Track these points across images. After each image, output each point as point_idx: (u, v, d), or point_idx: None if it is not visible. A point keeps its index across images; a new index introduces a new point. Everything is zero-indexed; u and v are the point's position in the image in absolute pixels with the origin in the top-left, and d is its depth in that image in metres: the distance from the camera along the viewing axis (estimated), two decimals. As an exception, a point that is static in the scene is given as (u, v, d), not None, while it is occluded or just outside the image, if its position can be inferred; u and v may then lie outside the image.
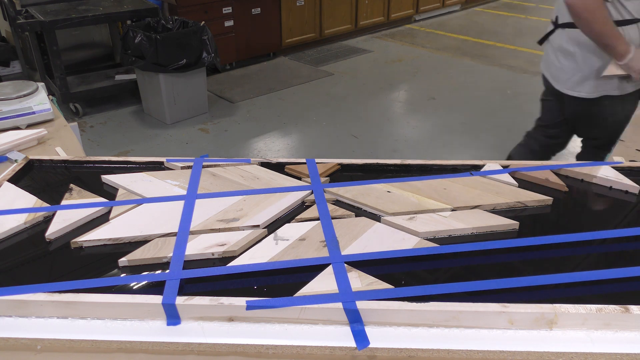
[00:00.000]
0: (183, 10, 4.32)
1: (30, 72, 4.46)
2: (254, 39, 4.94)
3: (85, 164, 1.26)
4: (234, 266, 0.88)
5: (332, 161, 1.23)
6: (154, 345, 0.77)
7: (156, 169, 1.22)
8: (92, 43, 4.48)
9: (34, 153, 1.43)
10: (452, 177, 1.16)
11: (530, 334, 0.78)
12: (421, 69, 4.91)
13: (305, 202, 1.09)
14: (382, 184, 1.13)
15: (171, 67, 3.58)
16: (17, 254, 0.94)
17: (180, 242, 0.93)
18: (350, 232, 0.96)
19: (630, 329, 0.78)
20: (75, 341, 0.77)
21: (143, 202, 1.06)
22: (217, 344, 0.76)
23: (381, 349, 0.75)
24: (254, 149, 3.58)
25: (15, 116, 1.57)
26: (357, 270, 0.86)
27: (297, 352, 0.76)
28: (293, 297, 0.80)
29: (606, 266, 0.92)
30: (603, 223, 1.06)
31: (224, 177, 1.16)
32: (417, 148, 3.54)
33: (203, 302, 0.78)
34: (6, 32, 4.54)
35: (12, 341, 0.77)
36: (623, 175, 1.18)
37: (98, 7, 3.88)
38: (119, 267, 0.90)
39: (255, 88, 4.53)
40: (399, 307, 0.77)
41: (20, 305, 0.80)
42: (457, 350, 0.75)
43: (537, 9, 7.50)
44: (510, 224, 1.00)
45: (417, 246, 0.93)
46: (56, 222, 1.00)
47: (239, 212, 1.03)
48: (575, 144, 3.69)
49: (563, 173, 1.21)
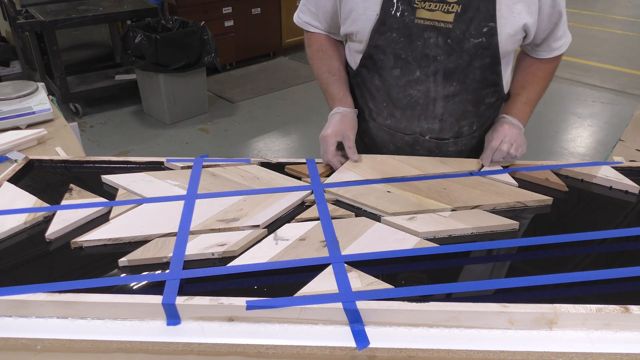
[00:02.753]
0: (183, 10, 4.32)
1: (30, 72, 4.46)
2: (254, 39, 4.94)
3: (85, 164, 1.26)
4: (234, 266, 0.88)
5: (332, 161, 1.23)
6: (154, 345, 0.77)
7: (156, 169, 1.22)
8: (92, 43, 4.48)
9: (34, 153, 1.43)
10: (452, 177, 1.16)
11: (530, 334, 0.78)
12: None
13: (305, 202, 1.09)
14: (382, 184, 1.13)
15: (171, 67, 3.58)
16: (17, 254, 0.94)
17: (180, 242, 0.93)
18: (350, 232, 0.96)
19: (630, 329, 0.78)
20: (75, 341, 0.77)
21: (143, 202, 1.06)
22: (217, 344, 0.76)
23: (381, 349, 0.75)
24: (254, 149, 3.58)
25: (15, 116, 1.57)
26: (357, 270, 0.86)
27: (297, 352, 0.76)
28: (293, 297, 0.80)
29: (606, 266, 0.92)
30: (603, 223, 1.06)
31: (224, 177, 1.16)
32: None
33: (203, 302, 0.78)
34: (6, 32, 4.54)
35: (12, 341, 0.77)
36: (623, 175, 1.18)
37: (98, 7, 3.88)
38: (119, 267, 0.90)
39: (255, 88, 4.53)
40: (399, 307, 0.77)
41: (20, 305, 0.80)
42: (457, 350, 0.75)
43: (537, 9, 7.48)
44: (510, 224, 1.00)
45: (417, 246, 0.93)
46: (56, 222, 1.00)
47: (239, 212, 1.03)
48: (575, 144, 3.70)
49: (563, 173, 1.21)
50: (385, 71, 1.21)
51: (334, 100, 1.29)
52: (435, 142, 1.28)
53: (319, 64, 1.34)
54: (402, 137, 1.28)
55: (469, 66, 1.16)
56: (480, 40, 1.12)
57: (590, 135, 3.84)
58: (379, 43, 1.17)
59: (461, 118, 1.25)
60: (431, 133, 1.26)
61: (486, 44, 1.13)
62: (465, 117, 1.25)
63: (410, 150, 1.30)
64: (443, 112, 1.23)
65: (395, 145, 1.30)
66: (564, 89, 4.63)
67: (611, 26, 6.72)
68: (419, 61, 1.17)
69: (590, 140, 3.77)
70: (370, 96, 1.28)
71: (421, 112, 1.24)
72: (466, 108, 1.23)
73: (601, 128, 3.94)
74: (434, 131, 1.26)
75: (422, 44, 1.15)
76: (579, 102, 4.37)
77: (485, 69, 1.18)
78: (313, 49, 1.35)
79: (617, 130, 3.60)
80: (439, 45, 1.14)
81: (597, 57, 5.45)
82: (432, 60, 1.16)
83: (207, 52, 3.72)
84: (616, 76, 4.93)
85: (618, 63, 5.26)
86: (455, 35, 1.12)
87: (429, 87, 1.20)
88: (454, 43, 1.13)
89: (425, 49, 1.15)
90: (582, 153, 3.58)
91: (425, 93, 1.21)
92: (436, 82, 1.19)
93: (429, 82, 1.19)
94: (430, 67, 1.17)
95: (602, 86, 4.68)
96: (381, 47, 1.18)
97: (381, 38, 1.16)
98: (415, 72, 1.18)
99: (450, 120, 1.25)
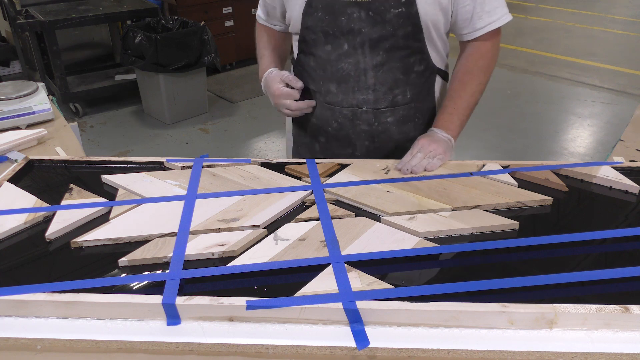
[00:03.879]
0: (183, 10, 4.32)
1: (30, 72, 4.46)
2: (254, 39, 4.93)
3: (85, 164, 1.26)
4: (234, 266, 0.88)
5: (332, 161, 1.24)
6: (154, 345, 0.77)
7: (156, 169, 1.22)
8: (92, 43, 4.49)
9: (34, 153, 1.43)
10: (452, 177, 1.16)
11: (530, 334, 0.78)
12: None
13: (305, 202, 1.09)
14: (382, 184, 1.13)
15: (171, 67, 3.58)
16: (17, 254, 0.94)
17: (180, 242, 0.93)
18: (350, 232, 0.96)
19: (630, 329, 0.78)
20: (75, 341, 0.77)
21: (143, 202, 1.06)
22: (217, 344, 0.76)
23: (381, 349, 0.75)
24: (254, 149, 3.58)
25: (15, 116, 1.57)
26: (357, 270, 0.86)
27: (297, 352, 0.76)
28: (293, 297, 0.80)
29: (606, 266, 0.92)
30: (603, 223, 1.06)
31: (224, 177, 1.16)
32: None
33: (203, 302, 0.78)
34: (6, 32, 4.54)
35: (12, 341, 0.77)
36: (623, 175, 1.18)
37: (98, 7, 3.88)
38: (119, 267, 0.90)
39: (255, 88, 4.52)
40: (399, 307, 0.77)
41: (20, 305, 0.80)
42: (457, 350, 0.75)
43: (537, 8, 7.51)
44: (510, 224, 1.00)
45: (417, 246, 0.93)
46: (56, 222, 1.00)
47: (239, 212, 1.03)
48: (575, 144, 3.70)
49: (563, 173, 1.21)
50: (318, 49, 1.31)
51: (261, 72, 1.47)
52: (372, 112, 1.33)
53: (259, 45, 1.55)
54: (341, 111, 1.35)
55: (393, 36, 1.24)
56: (400, 10, 1.20)
57: (590, 135, 3.84)
58: (309, 24, 1.28)
59: (394, 87, 1.31)
60: (367, 104, 1.33)
61: (406, 14, 1.20)
62: (397, 86, 1.31)
63: (351, 125, 1.36)
64: (375, 82, 1.30)
65: (337, 120, 1.37)
66: (564, 89, 4.63)
67: (611, 26, 6.72)
68: (346, 35, 1.25)
69: (590, 140, 3.77)
70: (310, 78, 1.37)
71: (354, 84, 1.31)
72: (396, 76, 1.30)
73: (601, 128, 3.94)
74: (369, 102, 1.32)
75: (346, 19, 1.23)
76: (579, 102, 4.37)
77: (409, 37, 1.24)
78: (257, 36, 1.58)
79: (617, 130, 3.60)
80: (362, 19, 1.22)
81: (597, 57, 5.45)
82: (358, 33, 1.24)
83: (207, 52, 3.72)
84: (616, 76, 4.93)
85: (618, 63, 5.25)
86: (376, 7, 1.20)
87: (358, 59, 1.28)
88: (376, 14, 1.21)
89: (350, 23, 1.23)
90: (582, 153, 3.58)
91: (355, 65, 1.28)
92: (364, 53, 1.27)
93: (358, 54, 1.27)
94: (356, 39, 1.25)
95: (602, 86, 4.68)
96: (311, 28, 1.28)
97: (310, 19, 1.27)
98: (344, 46, 1.27)
99: (383, 90, 1.31)
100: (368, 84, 1.30)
